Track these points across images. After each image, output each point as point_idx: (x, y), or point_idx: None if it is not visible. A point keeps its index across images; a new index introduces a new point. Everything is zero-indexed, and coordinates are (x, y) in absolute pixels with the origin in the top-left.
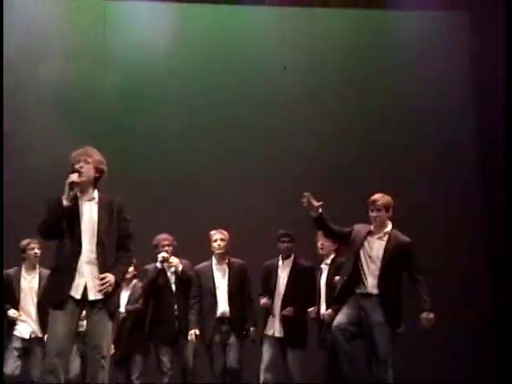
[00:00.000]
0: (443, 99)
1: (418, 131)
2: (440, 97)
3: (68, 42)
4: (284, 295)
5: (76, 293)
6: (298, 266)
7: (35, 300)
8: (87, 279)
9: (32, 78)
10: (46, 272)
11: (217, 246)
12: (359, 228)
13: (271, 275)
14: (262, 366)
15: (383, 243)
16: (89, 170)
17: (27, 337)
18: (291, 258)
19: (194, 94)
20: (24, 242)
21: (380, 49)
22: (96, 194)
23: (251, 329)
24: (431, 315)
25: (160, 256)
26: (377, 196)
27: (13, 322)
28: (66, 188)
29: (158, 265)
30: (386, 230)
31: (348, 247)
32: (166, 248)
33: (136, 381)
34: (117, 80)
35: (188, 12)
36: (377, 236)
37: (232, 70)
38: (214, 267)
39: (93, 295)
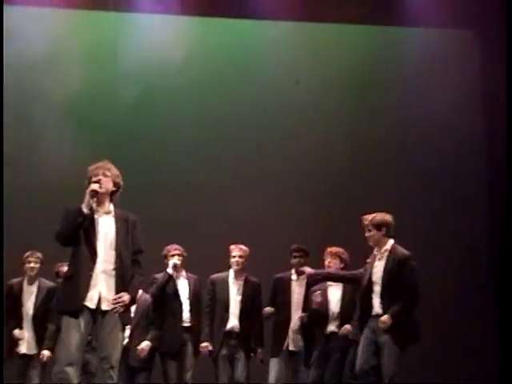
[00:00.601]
0: (450, 115)
1: (425, 146)
2: (447, 112)
3: (80, 54)
4: (302, 311)
5: (90, 302)
6: (312, 281)
7: (31, 314)
8: (101, 289)
9: (46, 90)
10: (47, 283)
11: (235, 262)
12: (370, 258)
13: (283, 288)
14: (269, 380)
15: (383, 263)
16: (107, 183)
17: (27, 352)
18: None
19: (207, 107)
20: (25, 255)
21: (387, 64)
22: (112, 207)
23: (259, 350)
24: (389, 321)
25: (171, 262)
26: (366, 216)
27: (16, 342)
28: (87, 196)
29: (169, 270)
30: (384, 249)
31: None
32: (177, 257)
33: None
34: (129, 93)
35: (201, 25)
36: (378, 257)
37: (244, 84)
38: (231, 281)
39: (106, 306)
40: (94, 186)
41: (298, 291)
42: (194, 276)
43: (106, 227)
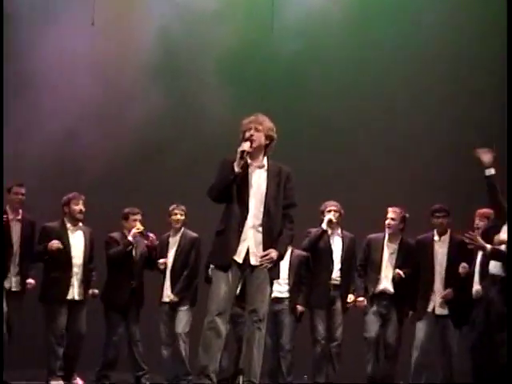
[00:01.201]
0: None
1: None
2: None
3: (240, 9)
4: (446, 272)
5: (238, 257)
6: (456, 241)
7: (171, 262)
8: (250, 244)
9: (207, 45)
10: (190, 234)
11: (387, 225)
12: None
13: (426, 250)
14: (416, 343)
15: None
16: (259, 138)
17: (164, 299)
18: (448, 234)
19: (366, 61)
20: (170, 208)
21: None
22: (265, 161)
23: (410, 312)
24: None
25: (327, 218)
26: None
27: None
28: (238, 156)
29: (324, 226)
30: None
31: None
32: (333, 213)
33: (285, 346)
34: (287, 48)
35: None
36: None
37: (403, 40)
38: (385, 243)
39: (254, 260)
40: (245, 147)
41: (440, 252)
42: (350, 234)
43: (258, 182)
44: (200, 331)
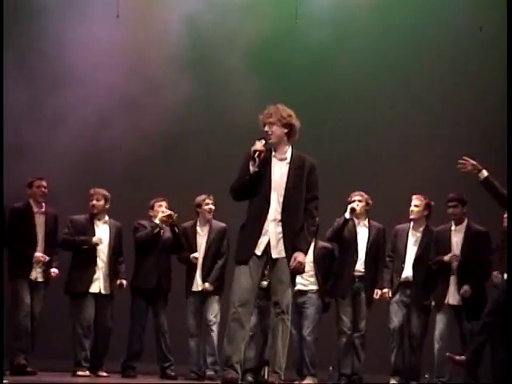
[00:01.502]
0: None
1: None
2: None
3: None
4: (460, 262)
5: (258, 249)
6: (472, 231)
7: (203, 253)
8: (271, 237)
9: (232, 34)
10: (218, 224)
11: (411, 211)
12: None
13: (443, 240)
14: (436, 335)
15: None
16: (275, 132)
17: (194, 289)
18: (464, 223)
19: (394, 50)
20: (200, 198)
21: None
22: (289, 152)
23: (432, 303)
24: None
25: (349, 207)
26: None
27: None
28: (251, 155)
29: (347, 215)
30: None
31: None
32: (357, 202)
33: (307, 337)
34: (311, 37)
35: None
36: None
37: (425, 29)
38: (410, 231)
39: (276, 253)
40: (258, 146)
41: (455, 241)
42: (378, 224)
43: (280, 175)
44: (225, 324)
